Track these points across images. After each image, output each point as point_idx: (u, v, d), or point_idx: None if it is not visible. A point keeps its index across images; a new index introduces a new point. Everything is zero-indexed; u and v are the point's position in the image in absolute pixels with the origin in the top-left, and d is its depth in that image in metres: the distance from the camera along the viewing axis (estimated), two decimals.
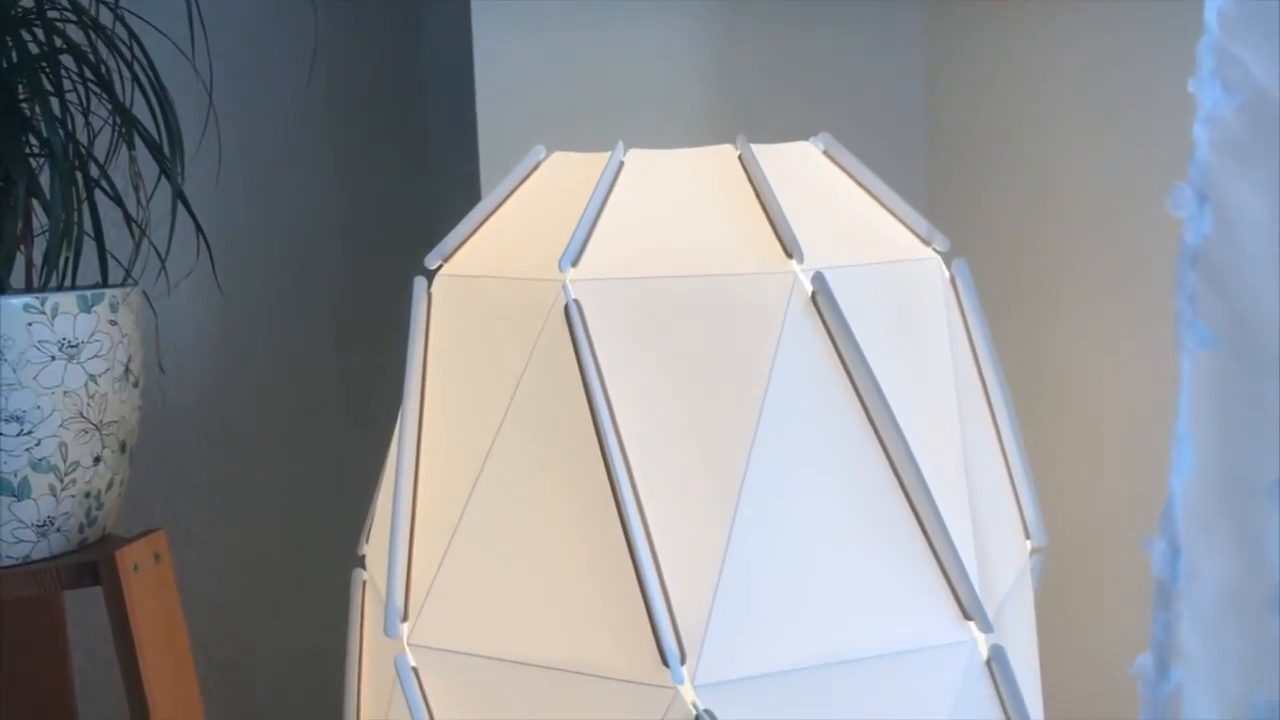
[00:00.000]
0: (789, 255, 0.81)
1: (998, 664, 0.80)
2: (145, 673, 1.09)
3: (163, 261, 1.16)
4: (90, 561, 1.08)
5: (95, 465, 1.10)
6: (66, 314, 1.06)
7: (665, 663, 0.73)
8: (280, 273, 1.50)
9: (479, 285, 0.87)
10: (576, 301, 0.80)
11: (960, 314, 0.93)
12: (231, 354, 1.49)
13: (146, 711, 1.09)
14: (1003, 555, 0.88)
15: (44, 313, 1.05)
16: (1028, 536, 0.96)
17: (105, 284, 1.14)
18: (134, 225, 1.17)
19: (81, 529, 1.11)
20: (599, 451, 0.76)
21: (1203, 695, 0.75)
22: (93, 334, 1.08)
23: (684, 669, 0.73)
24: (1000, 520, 0.91)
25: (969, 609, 0.79)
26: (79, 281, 1.12)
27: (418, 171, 1.52)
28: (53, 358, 1.05)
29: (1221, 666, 0.75)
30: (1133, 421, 1.11)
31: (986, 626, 0.79)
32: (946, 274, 0.92)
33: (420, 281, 0.90)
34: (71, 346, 1.06)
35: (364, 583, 0.96)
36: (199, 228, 1.18)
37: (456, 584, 0.80)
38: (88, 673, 1.38)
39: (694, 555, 0.75)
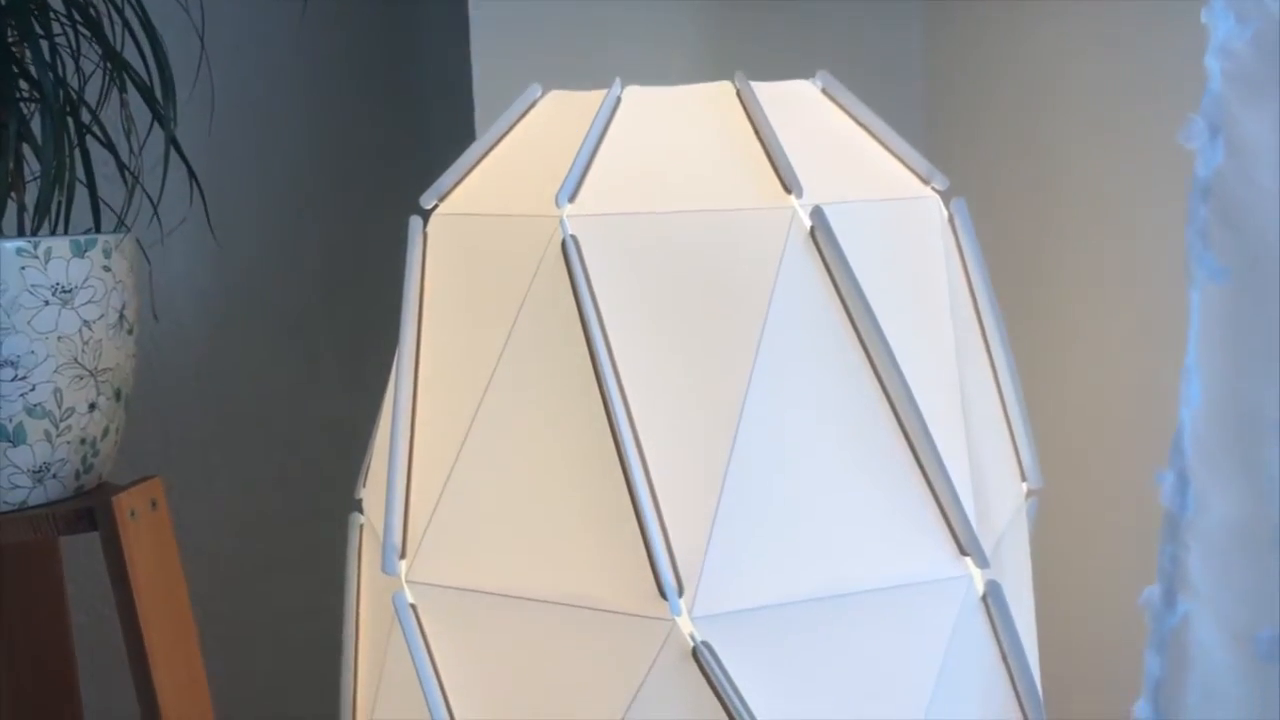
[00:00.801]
0: (788, 191, 0.78)
1: (993, 600, 0.78)
2: (143, 620, 1.07)
3: (155, 207, 1.13)
4: (87, 508, 1.06)
5: (90, 412, 1.07)
6: (60, 259, 1.03)
7: (663, 595, 0.71)
8: (276, 222, 1.47)
9: (475, 224, 0.84)
10: (574, 237, 0.77)
11: (958, 253, 0.90)
12: (226, 306, 1.46)
13: (145, 661, 1.07)
14: (999, 495, 0.86)
15: (37, 257, 1.02)
16: (1024, 479, 0.94)
17: (98, 231, 1.11)
18: (126, 172, 1.14)
19: (78, 476, 1.08)
20: (596, 387, 0.74)
21: (1209, 627, 0.73)
22: (86, 279, 1.05)
23: (681, 602, 0.71)
24: (996, 461, 0.88)
25: (965, 544, 0.76)
26: (72, 230, 1.09)
27: (413, 114, 1.48)
28: (46, 302, 1.02)
29: (1228, 599, 0.73)
30: (1132, 364, 1.08)
31: (983, 562, 0.77)
32: (945, 213, 0.90)
33: (415, 221, 0.87)
34: (65, 292, 1.03)
35: (361, 526, 0.93)
36: (192, 174, 1.15)
37: (454, 521, 0.78)
38: (86, 628, 1.35)
39: (691, 489, 0.73)
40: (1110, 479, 1.08)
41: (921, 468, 0.76)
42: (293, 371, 1.48)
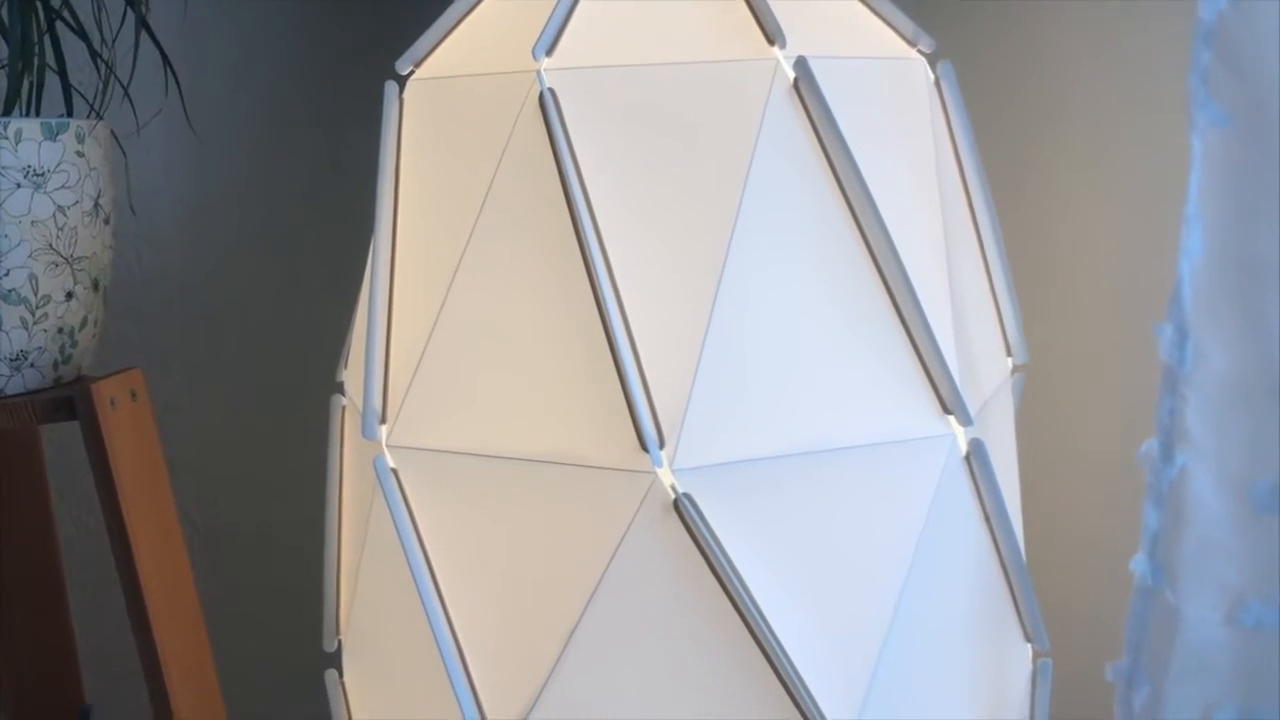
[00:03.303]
0: (770, 42, 0.73)
1: (977, 458, 0.73)
2: (126, 512, 1.01)
3: (125, 90, 1.06)
4: (66, 396, 1.00)
5: (68, 301, 1.01)
6: (30, 140, 0.96)
7: (644, 448, 0.66)
8: (256, 117, 1.39)
9: (452, 86, 0.78)
10: (551, 91, 0.71)
11: (945, 119, 0.85)
12: (206, 203, 1.39)
13: (130, 555, 1.02)
14: (984, 365, 0.81)
15: (7, 138, 0.95)
16: (1009, 353, 0.89)
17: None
18: (99, 60, 1.07)
19: (56, 366, 1.02)
20: (576, 243, 0.69)
21: (1207, 479, 0.68)
22: (59, 164, 0.98)
23: (662, 454, 0.67)
24: (981, 333, 0.83)
25: (949, 402, 0.72)
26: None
27: None
28: (18, 185, 0.96)
29: (1226, 450, 0.68)
30: (1123, 240, 1.03)
31: (966, 420, 0.72)
32: (932, 76, 0.84)
33: (391, 87, 0.81)
34: (37, 175, 0.97)
35: (343, 408, 0.88)
36: (165, 59, 1.08)
37: (434, 384, 0.73)
38: (74, 541, 1.30)
39: (673, 344, 0.68)
40: (1098, 359, 1.03)
41: (905, 325, 0.71)
42: (275, 282, 1.41)
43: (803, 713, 0.68)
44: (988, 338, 0.85)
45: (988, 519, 0.75)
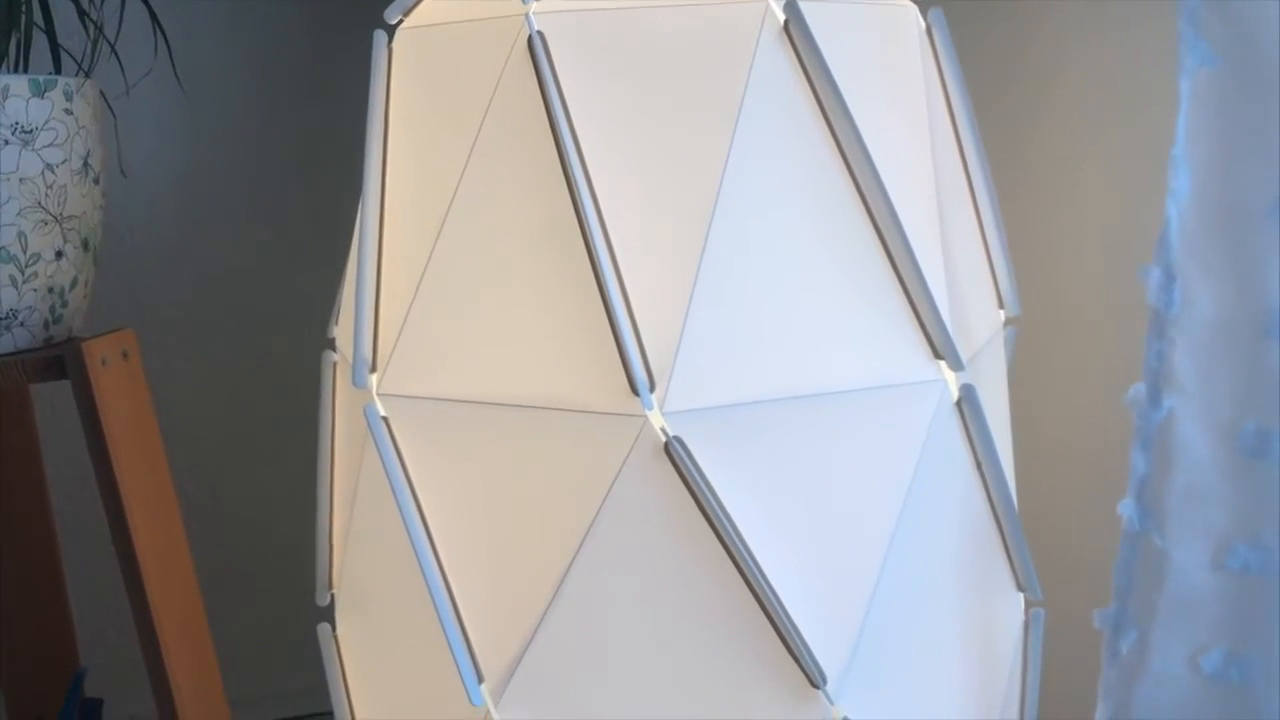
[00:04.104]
0: None
1: (968, 404, 0.73)
2: (119, 472, 1.01)
3: (113, 48, 1.06)
4: (57, 355, 1.00)
5: (57, 260, 1.01)
6: (18, 97, 0.96)
7: (634, 391, 0.66)
8: (245, 74, 1.38)
9: (440, 33, 0.78)
10: (540, 34, 0.71)
11: (936, 67, 0.84)
12: (198, 170, 1.38)
13: (124, 515, 1.02)
14: (976, 313, 0.81)
15: None
16: (1001, 306, 0.89)
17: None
18: (86, 20, 1.06)
19: (46, 326, 1.02)
20: (566, 188, 0.68)
21: (1194, 422, 0.69)
22: (47, 121, 0.98)
23: (653, 397, 0.67)
24: (973, 282, 0.83)
25: (940, 347, 0.72)
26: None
27: None
28: (6, 141, 0.95)
29: (1214, 393, 0.68)
30: (1116, 192, 1.02)
31: (957, 365, 0.72)
32: (922, 24, 0.84)
33: (380, 36, 0.81)
34: (26, 132, 0.97)
35: (334, 364, 0.88)
36: (154, 17, 1.07)
37: (424, 331, 0.73)
38: (68, 514, 1.30)
39: (663, 286, 0.68)
40: (1091, 312, 1.03)
41: (896, 269, 0.71)
42: (266, 251, 1.41)
43: (794, 655, 0.69)
44: (979, 289, 0.85)
45: (979, 466, 0.75)
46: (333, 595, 0.87)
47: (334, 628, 0.86)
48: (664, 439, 0.67)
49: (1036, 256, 1.02)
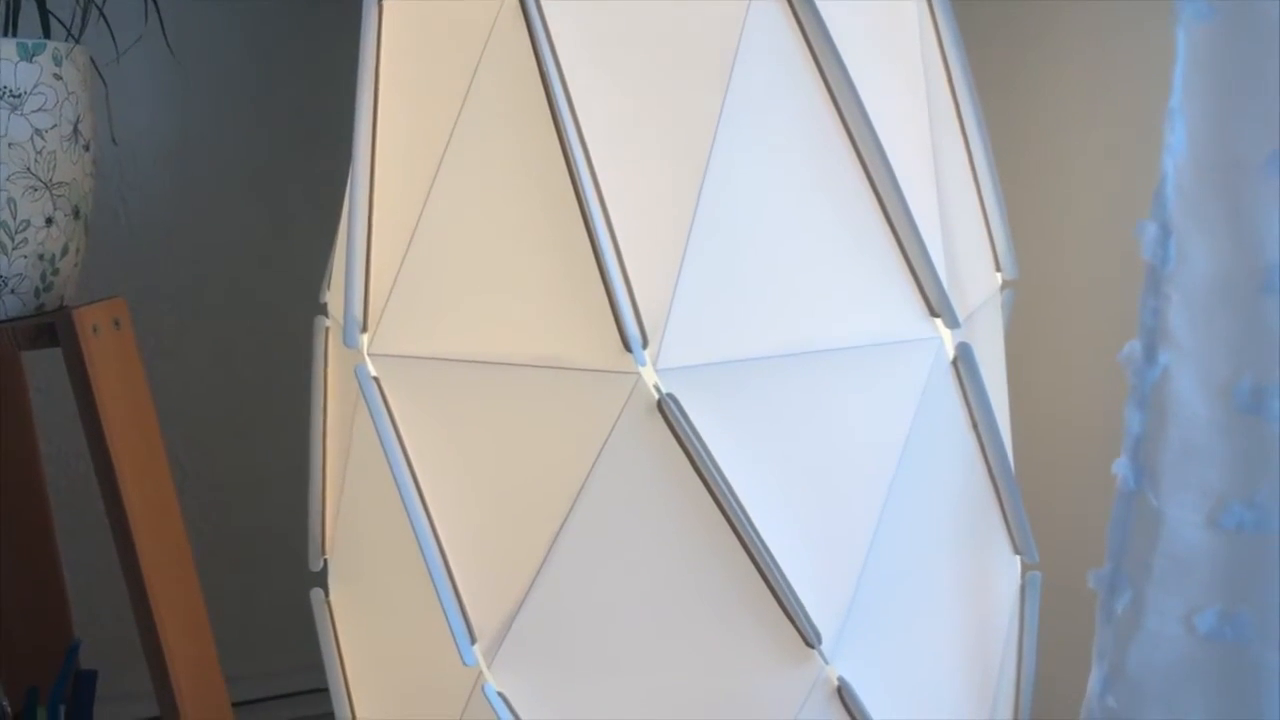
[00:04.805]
0: None
1: (964, 362, 0.73)
2: (111, 441, 1.01)
3: (101, 11, 1.05)
4: (48, 323, 1.00)
5: (48, 227, 1.00)
6: (6, 60, 0.95)
7: (627, 348, 0.66)
8: (238, 45, 1.37)
9: None
10: None
11: (934, 30, 0.84)
12: (190, 142, 1.38)
13: (116, 482, 1.01)
14: (971, 274, 0.81)
15: None
16: (998, 268, 0.89)
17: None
18: None
19: (38, 294, 1.02)
20: (558, 142, 0.68)
21: (1189, 379, 0.68)
22: (36, 85, 0.97)
23: (646, 354, 0.66)
24: (969, 243, 0.83)
25: (935, 304, 0.71)
26: None
27: None
28: None
29: (1209, 350, 0.68)
30: (1115, 156, 1.02)
31: (953, 322, 0.72)
32: None
33: None
34: (14, 96, 0.96)
35: (326, 328, 0.88)
36: None
37: (415, 290, 0.72)
38: (63, 489, 1.29)
39: (656, 243, 0.68)
40: (1088, 277, 1.03)
41: (891, 225, 0.71)
42: (261, 225, 1.40)
43: (789, 614, 0.68)
44: (976, 251, 0.84)
45: (975, 426, 0.75)
46: (325, 560, 0.87)
47: (327, 593, 0.86)
48: (657, 396, 0.67)
49: (1034, 222, 1.02)
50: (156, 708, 1.01)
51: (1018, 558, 0.82)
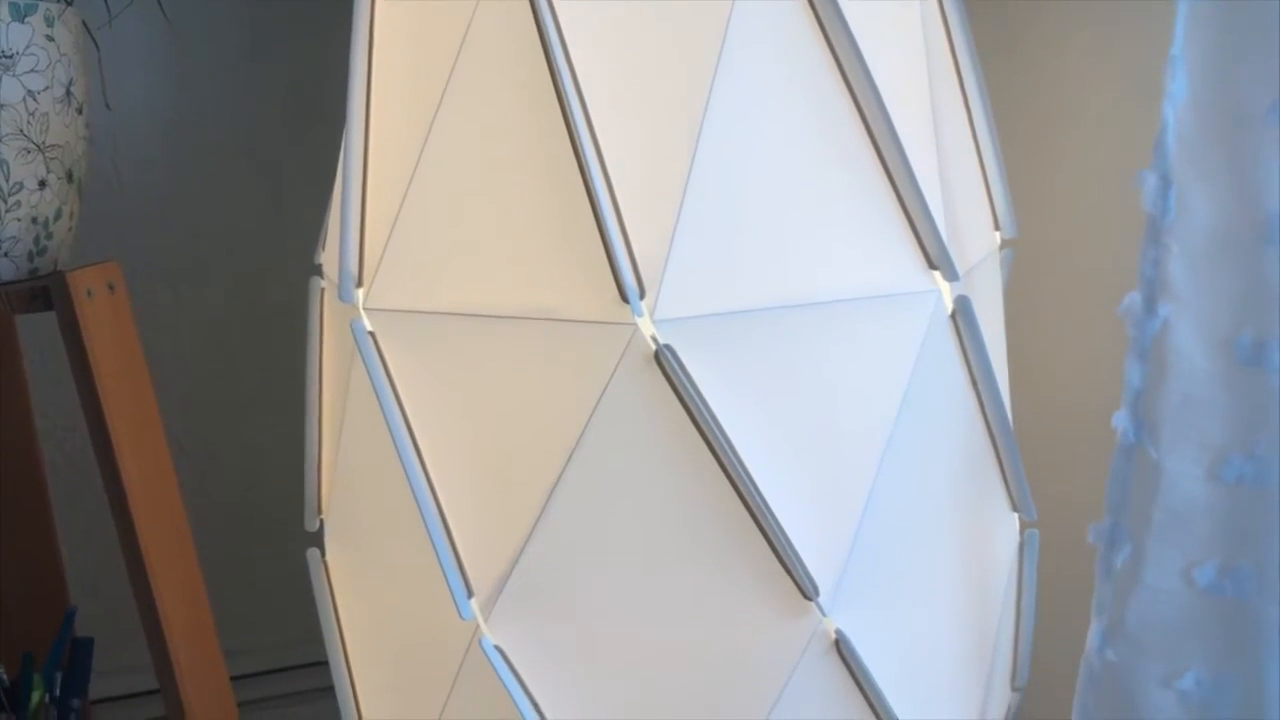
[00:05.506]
0: None
1: (962, 315, 0.73)
2: (106, 407, 1.01)
3: None
4: (42, 286, 0.99)
5: (41, 189, 1.00)
6: None
7: (624, 298, 0.65)
8: (233, 9, 1.36)
9: None
10: None
11: None
12: (184, 110, 1.37)
13: (111, 448, 1.01)
14: (971, 230, 0.81)
15: None
16: (997, 227, 0.89)
17: None
18: None
19: (31, 258, 1.01)
20: (554, 92, 0.68)
21: (1190, 331, 0.68)
22: (28, 46, 0.97)
23: (643, 304, 0.66)
24: (969, 201, 0.83)
25: (934, 256, 0.71)
26: None
27: None
28: None
29: (1210, 302, 0.68)
30: (1116, 113, 1.02)
31: (951, 274, 0.72)
32: None
33: None
34: (6, 57, 0.96)
35: (321, 290, 0.88)
36: None
37: (410, 244, 0.72)
38: (59, 463, 1.29)
39: (653, 193, 0.67)
40: (1088, 235, 1.03)
41: (890, 176, 0.70)
42: (258, 198, 1.40)
43: (786, 567, 0.68)
44: (975, 208, 0.84)
45: (974, 382, 0.75)
46: (322, 521, 0.86)
47: (324, 553, 0.86)
48: (654, 347, 0.67)
49: (1033, 181, 1.02)
50: (155, 680, 1.01)
51: (1016, 515, 0.82)
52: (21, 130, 0.97)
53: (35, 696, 1.07)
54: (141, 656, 1.02)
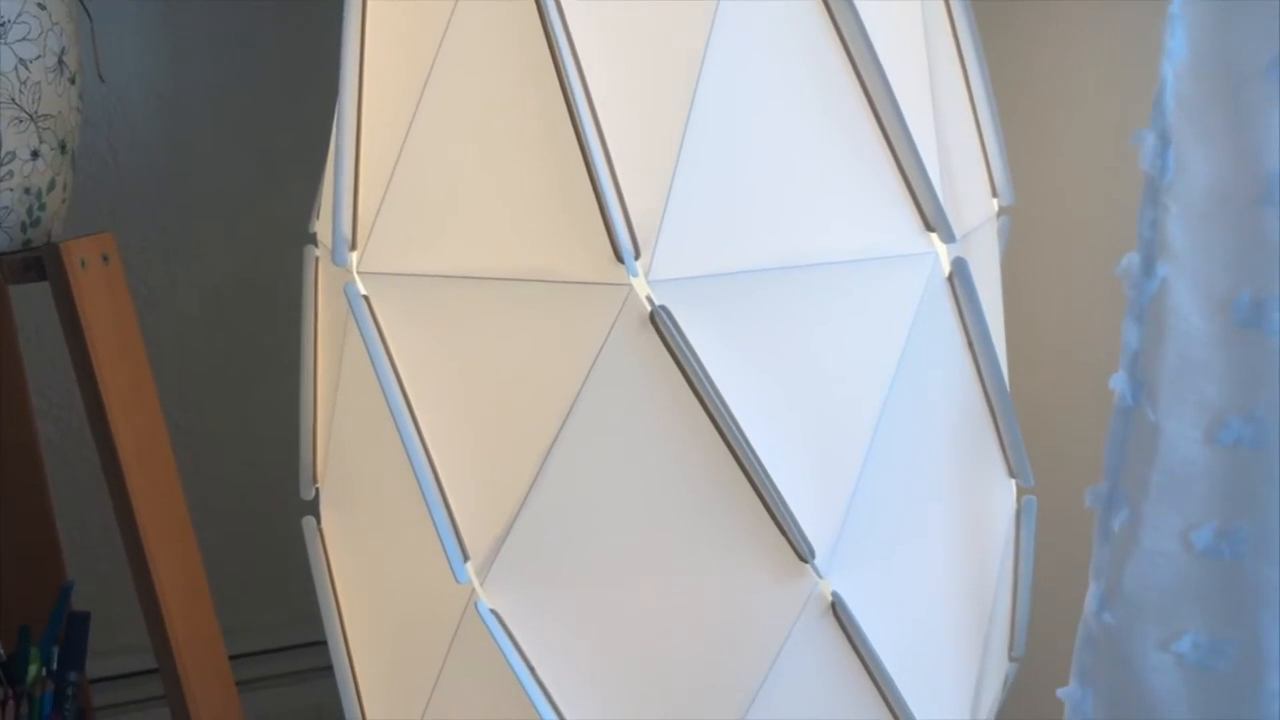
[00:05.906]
0: None
1: (959, 277, 0.72)
2: (101, 378, 1.01)
3: None
4: (35, 256, 0.99)
5: (34, 160, 1.00)
6: None
7: (619, 258, 0.65)
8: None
9: None
10: None
11: None
12: (179, 84, 1.37)
13: (106, 419, 1.01)
14: (968, 196, 0.80)
15: None
16: (995, 194, 0.88)
17: None
18: None
19: (24, 229, 1.01)
20: (548, 51, 0.67)
21: (1188, 292, 0.68)
22: (19, 14, 0.96)
23: (638, 264, 0.66)
24: (967, 166, 0.83)
25: (931, 218, 0.71)
26: None
27: None
28: None
29: (1208, 263, 0.68)
30: (1114, 84, 1.01)
31: (948, 236, 0.71)
32: None
33: None
34: None
35: (316, 258, 0.87)
36: None
37: (403, 207, 0.72)
38: (55, 441, 1.29)
39: (648, 152, 0.67)
40: (1085, 202, 1.02)
41: (887, 139, 0.70)
42: (253, 175, 1.39)
43: (782, 529, 0.68)
44: (972, 173, 0.84)
45: (971, 345, 0.75)
46: (317, 490, 0.86)
47: (319, 521, 0.85)
48: (649, 308, 0.66)
49: (1031, 148, 1.01)
50: (153, 660, 1.01)
51: (1013, 481, 0.82)
52: (13, 99, 0.97)
53: (32, 670, 1.07)
54: (139, 636, 1.02)
